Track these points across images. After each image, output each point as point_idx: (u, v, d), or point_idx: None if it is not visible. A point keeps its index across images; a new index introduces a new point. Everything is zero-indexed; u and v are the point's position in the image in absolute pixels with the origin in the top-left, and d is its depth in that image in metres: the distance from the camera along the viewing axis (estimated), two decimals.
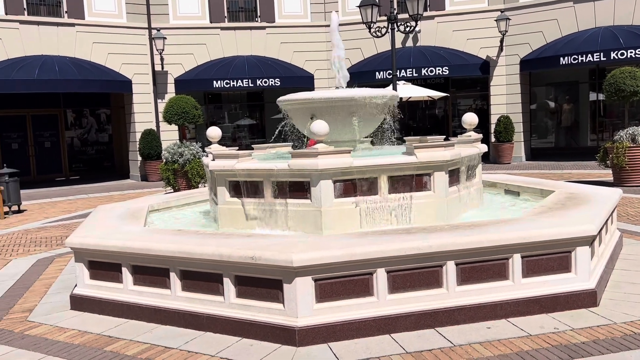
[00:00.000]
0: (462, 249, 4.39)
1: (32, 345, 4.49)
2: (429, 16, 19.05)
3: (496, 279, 4.53)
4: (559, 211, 5.30)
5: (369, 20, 15.18)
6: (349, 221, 5.47)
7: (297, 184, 5.57)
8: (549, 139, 21.44)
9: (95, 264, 5.24)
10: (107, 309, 5.09)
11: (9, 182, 12.23)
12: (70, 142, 21.82)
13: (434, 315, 4.37)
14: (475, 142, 6.87)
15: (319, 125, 5.48)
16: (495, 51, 19.16)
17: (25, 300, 5.78)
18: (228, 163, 5.89)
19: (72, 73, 16.96)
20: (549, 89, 21.28)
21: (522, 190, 7.34)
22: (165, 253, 4.67)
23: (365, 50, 20.01)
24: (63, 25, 17.68)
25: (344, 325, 4.23)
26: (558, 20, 17.99)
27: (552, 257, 4.62)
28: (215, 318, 4.49)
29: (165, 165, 13.85)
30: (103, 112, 22.65)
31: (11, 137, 20.26)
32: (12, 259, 7.83)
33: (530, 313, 4.52)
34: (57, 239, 9.12)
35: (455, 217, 5.86)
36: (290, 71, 19.94)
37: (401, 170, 5.56)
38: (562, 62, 17.18)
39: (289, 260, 4.10)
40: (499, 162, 18.77)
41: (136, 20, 18.99)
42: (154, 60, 19.16)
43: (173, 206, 7.69)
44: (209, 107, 21.91)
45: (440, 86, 20.62)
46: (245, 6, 20.28)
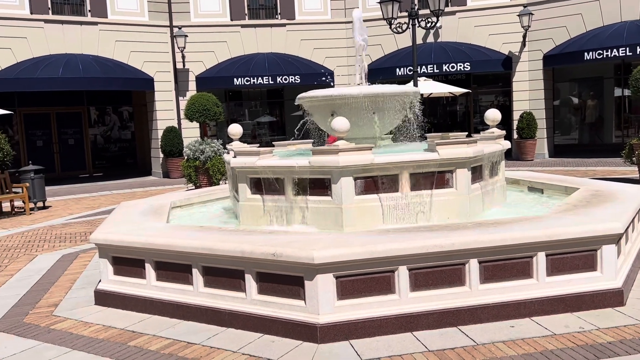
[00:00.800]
0: (486, 246, 4.35)
1: (58, 340, 4.56)
2: (450, 12, 18.87)
3: (520, 278, 4.48)
4: (584, 209, 5.21)
5: (390, 16, 15.08)
6: (369, 218, 5.46)
7: (318, 181, 5.57)
8: (573, 135, 21.12)
9: (119, 259, 5.31)
10: (130, 304, 5.14)
11: (34, 178, 12.45)
12: (94, 140, 22.12)
13: (456, 314, 4.33)
14: (498, 138, 6.79)
15: (339, 122, 5.47)
16: (518, 47, 18.91)
17: (51, 295, 5.88)
18: (249, 160, 5.91)
19: (95, 71, 17.18)
20: (573, 84, 20.95)
21: (546, 187, 7.24)
22: (187, 249, 4.71)
23: (386, 47, 19.91)
24: (86, 24, 17.91)
25: (366, 322, 4.22)
26: (582, 15, 17.68)
27: (577, 256, 4.55)
28: (237, 314, 4.51)
29: (187, 162, 13.95)
30: (125, 109, 22.91)
31: (36, 134, 20.61)
32: (37, 254, 7.96)
33: (554, 312, 4.46)
34: (81, 235, 9.25)
35: (478, 215, 5.81)
36: (310, 68, 19.94)
37: (423, 167, 5.52)
38: (587, 58, 16.89)
39: (310, 257, 4.10)
40: (522, 159, 18.54)
41: (158, 18, 19.15)
42: (175, 58, 19.31)
43: (195, 203, 7.75)
44: (229, 105, 22.01)
45: (461, 82, 20.43)
46: (265, 3, 20.32)
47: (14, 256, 7.91)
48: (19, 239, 9.20)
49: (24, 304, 5.59)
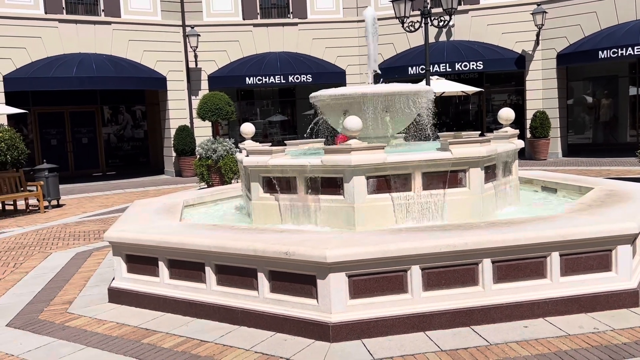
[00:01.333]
0: (499, 246, 4.32)
1: (73, 337, 4.61)
2: (463, 10, 18.79)
3: (534, 278, 4.45)
4: (598, 208, 5.16)
5: (402, 14, 15.04)
6: (382, 217, 5.45)
7: (330, 180, 5.57)
8: (587, 134, 20.93)
9: (133, 257, 5.34)
10: (143, 302, 5.18)
11: (48, 177, 12.57)
12: (107, 139, 22.29)
13: (469, 313, 4.32)
14: (512, 137, 6.75)
15: (352, 121, 5.47)
16: (531, 45, 18.78)
17: (65, 292, 5.93)
18: (262, 159, 5.92)
19: (108, 70, 17.31)
20: (587, 83, 20.77)
21: (560, 187, 7.18)
22: (200, 247, 4.73)
23: (398, 45, 19.86)
24: (100, 23, 18.04)
25: (378, 322, 4.21)
26: (597, 13, 17.51)
27: (591, 256, 4.51)
28: (250, 312, 4.53)
29: (199, 161, 14.00)
30: (138, 108, 23.06)
31: (50, 133, 20.81)
32: (52, 252, 8.04)
33: (568, 312, 4.43)
34: (95, 233, 9.33)
35: (491, 214, 5.78)
36: (322, 67, 19.94)
37: (436, 167, 5.50)
38: (601, 56, 16.73)
39: (323, 256, 4.10)
40: (535, 158, 18.41)
41: (170, 18, 19.24)
42: (187, 58, 19.40)
43: (207, 201, 7.78)
44: (241, 104, 22.08)
45: (474, 81, 20.33)
46: (277, 3, 20.35)
47: (29, 254, 8.00)
48: (33, 237, 9.30)
49: (38, 301, 5.65)
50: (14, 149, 13.35)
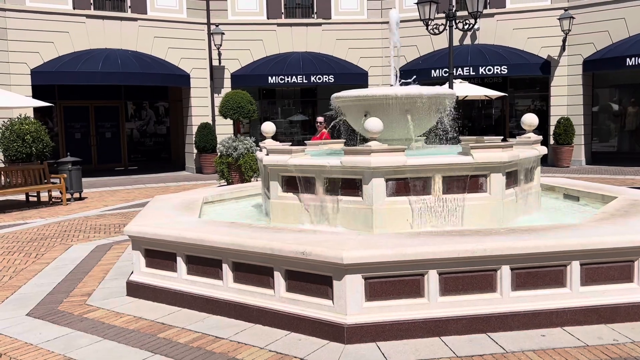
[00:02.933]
0: (518, 253, 4.27)
1: (90, 328, 4.67)
2: (488, 14, 18.62)
3: (553, 286, 4.39)
4: (621, 218, 5.08)
5: (427, 17, 14.95)
6: (400, 220, 5.42)
7: (349, 181, 5.56)
8: (611, 142, 20.59)
9: (152, 252, 5.40)
10: (161, 296, 5.23)
11: (71, 170, 12.76)
12: (130, 134, 22.56)
13: (486, 320, 4.27)
14: (535, 143, 6.67)
15: (373, 122, 5.45)
16: (557, 51, 18.53)
17: (85, 284, 6.02)
18: (281, 158, 5.94)
19: (133, 66, 17.51)
20: (613, 90, 20.43)
21: (582, 195, 7.07)
22: (218, 244, 4.76)
23: (422, 48, 19.76)
24: (126, 19, 18.26)
25: (393, 325, 4.20)
26: (625, 19, 17.22)
27: (613, 266, 4.44)
28: (265, 311, 4.54)
29: (220, 158, 14.10)
30: (162, 105, 23.30)
31: (74, 127, 21.13)
32: (72, 244, 8.16)
33: (587, 323, 4.36)
34: (115, 227, 9.44)
35: (512, 221, 5.71)
36: (344, 68, 19.92)
37: (456, 171, 5.46)
38: (629, 63, 16.44)
39: (340, 257, 4.10)
40: (558, 165, 18.18)
41: (196, 15, 19.40)
42: (211, 55, 19.54)
43: (226, 199, 7.82)
44: (262, 103, 22.17)
45: (497, 85, 20.14)
46: (302, 2, 20.39)
47: (50, 245, 8.12)
48: (55, 228, 9.45)
49: (58, 292, 5.74)
50: (39, 141, 13.60)
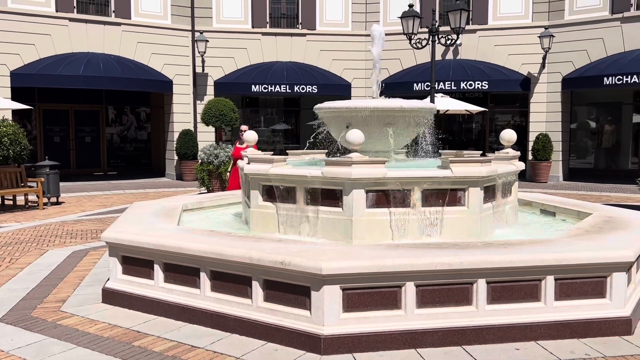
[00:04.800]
0: (494, 267, 4.33)
1: (64, 335, 4.60)
2: (470, 30, 18.88)
3: (527, 300, 4.45)
4: (595, 234, 5.17)
5: (410, 31, 15.15)
6: (379, 232, 5.45)
7: (330, 192, 5.58)
8: (588, 159, 20.96)
9: (129, 259, 5.35)
10: (137, 304, 5.17)
11: (49, 174, 12.60)
12: (110, 138, 22.34)
13: (461, 333, 4.31)
14: (513, 159, 6.77)
15: (354, 134, 5.49)
16: (537, 68, 18.86)
17: (59, 290, 5.93)
18: (262, 167, 5.94)
19: (115, 71, 17.39)
20: (591, 108, 20.83)
21: (559, 210, 7.19)
22: (196, 253, 4.74)
23: (405, 61, 19.95)
24: (110, 24, 18.15)
25: (370, 336, 4.21)
26: (604, 40, 17.61)
27: (586, 282, 4.52)
28: (242, 320, 4.52)
29: (201, 165, 14.05)
30: (143, 110, 23.14)
31: (54, 130, 20.87)
32: (48, 249, 8.04)
33: (561, 337, 4.42)
34: (93, 232, 9.33)
35: (489, 235, 5.78)
36: (328, 79, 20.02)
37: (435, 184, 5.52)
38: (606, 82, 16.80)
39: (318, 267, 4.11)
40: (536, 180, 18.43)
41: (180, 22, 19.36)
42: (195, 62, 19.49)
43: (206, 207, 7.79)
44: (245, 111, 22.15)
45: (478, 100, 20.40)
46: (287, 12, 20.47)
47: (25, 250, 8.00)
48: (30, 233, 9.30)
49: (32, 298, 5.65)
50: (16, 144, 13.39)
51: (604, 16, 17.63)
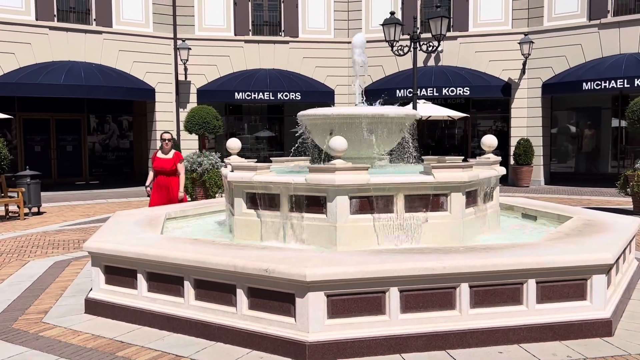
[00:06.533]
0: (477, 271, 4.37)
1: (46, 347, 4.55)
2: (451, 37, 19.10)
3: (510, 304, 4.50)
4: (576, 238, 5.25)
5: (392, 38, 15.27)
6: (363, 238, 5.48)
7: (314, 199, 5.60)
8: (569, 163, 21.26)
9: (111, 269, 5.31)
10: (120, 314, 5.13)
11: (30, 184, 12.45)
12: (92, 147, 22.15)
13: (445, 337, 4.34)
14: (494, 164, 6.85)
15: (337, 141, 5.52)
16: (517, 74, 19.11)
17: (41, 301, 5.86)
18: (246, 175, 5.94)
19: (97, 79, 17.28)
20: (571, 113, 21.14)
21: (540, 214, 7.28)
22: (180, 261, 4.72)
23: (387, 68, 20.10)
24: (91, 32, 18.05)
25: (355, 342, 4.22)
26: (582, 46, 17.92)
27: (567, 284, 4.58)
28: (227, 329, 4.51)
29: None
30: (125, 118, 22.99)
31: (34, 139, 20.64)
32: (29, 260, 7.94)
33: (543, 339, 4.47)
34: (75, 242, 9.23)
35: (471, 239, 5.84)
36: (311, 86, 20.09)
37: (418, 190, 5.56)
38: (585, 88, 17.09)
39: (302, 274, 4.12)
40: (518, 184, 18.63)
41: (162, 30, 19.31)
42: (177, 70, 19.44)
43: (190, 215, 7.76)
44: (229, 118, 22.12)
45: (460, 106, 20.60)
46: (269, 20, 20.53)
47: (6, 261, 7.89)
48: (11, 244, 9.18)
49: (13, 310, 5.57)
50: None
51: (581, 22, 17.95)
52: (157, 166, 8.73)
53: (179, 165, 8.80)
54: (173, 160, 8.76)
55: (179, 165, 8.81)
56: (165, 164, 8.70)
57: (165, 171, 8.71)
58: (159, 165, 8.72)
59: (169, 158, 8.75)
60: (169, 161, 8.73)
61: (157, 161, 8.76)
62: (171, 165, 8.72)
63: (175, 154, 8.84)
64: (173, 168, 8.74)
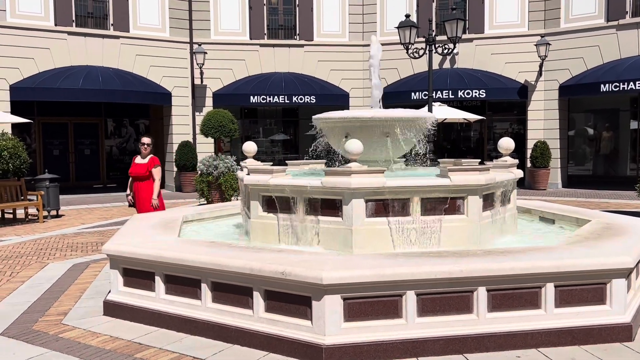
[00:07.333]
0: (494, 275, 4.35)
1: (66, 348, 4.60)
2: (467, 39, 19.01)
3: (528, 308, 4.46)
4: (594, 241, 5.19)
5: (407, 41, 15.24)
6: (379, 241, 5.47)
7: (329, 202, 5.61)
8: (587, 166, 21.03)
9: (130, 271, 5.36)
10: (138, 316, 5.18)
11: (49, 187, 12.62)
12: (109, 151, 22.39)
13: (462, 341, 4.32)
14: (511, 167, 6.81)
15: (353, 144, 5.52)
16: (534, 76, 18.96)
17: (61, 303, 5.94)
18: (262, 178, 5.97)
19: (114, 84, 17.46)
20: (588, 115, 20.92)
21: (557, 218, 7.22)
22: (197, 264, 4.75)
23: (402, 71, 20.05)
24: (108, 37, 18.25)
25: (371, 346, 4.22)
26: (600, 47, 17.72)
27: (586, 288, 4.53)
28: (244, 331, 4.53)
29: (200, 177, 14.07)
30: (142, 122, 23.21)
31: (53, 143, 20.92)
32: (49, 262, 8.05)
33: (561, 344, 4.43)
34: (93, 245, 9.34)
35: (488, 243, 5.80)
36: (326, 89, 20.11)
37: (434, 193, 5.54)
38: (603, 89, 16.89)
39: (319, 277, 4.13)
40: (534, 187, 18.47)
41: (178, 34, 19.47)
42: (193, 74, 19.58)
43: (206, 218, 7.81)
44: (244, 122, 22.22)
45: (476, 109, 20.49)
46: (284, 24, 20.61)
47: (26, 263, 8.00)
48: (31, 246, 9.31)
49: (33, 311, 5.65)
50: (16, 157, 13.42)
51: (599, 24, 17.76)
52: (132, 172, 8.30)
53: (153, 170, 8.20)
54: (147, 166, 8.22)
55: (154, 170, 8.20)
56: (139, 169, 8.21)
57: (138, 177, 8.23)
58: (133, 171, 8.28)
59: (144, 163, 8.26)
60: (143, 166, 8.23)
61: (133, 166, 8.31)
62: (144, 171, 8.18)
63: (151, 159, 8.28)
64: (146, 173, 8.18)
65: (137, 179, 8.27)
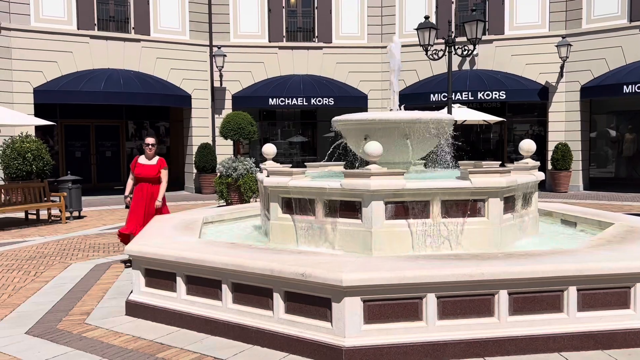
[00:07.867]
0: (516, 278, 4.31)
1: (89, 348, 4.67)
2: (487, 40, 18.87)
3: (550, 311, 4.42)
4: (618, 244, 5.13)
5: (426, 43, 15.18)
6: (399, 243, 5.47)
7: (349, 204, 5.61)
8: (609, 168, 20.72)
9: (151, 272, 5.42)
10: (160, 316, 5.24)
11: (71, 188, 12.81)
12: (130, 153, 22.63)
13: (483, 345, 4.29)
14: (532, 169, 6.75)
15: (372, 146, 5.53)
16: (555, 77, 18.75)
17: (84, 303, 6.03)
18: (282, 180, 6.00)
19: (135, 86, 17.67)
20: (611, 117, 20.62)
21: (579, 220, 7.13)
22: (218, 265, 4.79)
23: (421, 72, 19.98)
24: (130, 40, 18.48)
25: (392, 348, 4.21)
26: (622, 48, 17.47)
27: (609, 292, 4.48)
28: (264, 332, 4.56)
29: (220, 179, 14.16)
30: (162, 125, 23.43)
31: (75, 145, 21.21)
32: (71, 262, 8.17)
33: (584, 348, 4.38)
34: (114, 246, 9.45)
35: (509, 245, 5.76)
36: (344, 91, 20.11)
37: (455, 195, 5.52)
38: (625, 91, 16.63)
39: (339, 279, 4.13)
40: (555, 190, 18.25)
41: (198, 37, 19.63)
42: (213, 77, 19.73)
43: (226, 219, 7.87)
44: (263, 124, 22.31)
45: (496, 110, 20.32)
46: (303, 26, 20.66)
47: (49, 263, 8.13)
48: (54, 247, 9.46)
49: (57, 311, 5.74)
50: (39, 159, 13.66)
51: (622, 24, 17.51)
52: (140, 173, 7.84)
53: (162, 171, 7.92)
54: (157, 167, 7.90)
55: (163, 171, 7.92)
56: (150, 171, 7.82)
57: (148, 178, 7.83)
58: (142, 172, 7.83)
59: (152, 164, 7.89)
60: (153, 167, 7.86)
61: (139, 167, 7.86)
62: (156, 172, 7.85)
63: (160, 160, 7.99)
64: (157, 175, 7.86)
65: (145, 181, 7.86)
